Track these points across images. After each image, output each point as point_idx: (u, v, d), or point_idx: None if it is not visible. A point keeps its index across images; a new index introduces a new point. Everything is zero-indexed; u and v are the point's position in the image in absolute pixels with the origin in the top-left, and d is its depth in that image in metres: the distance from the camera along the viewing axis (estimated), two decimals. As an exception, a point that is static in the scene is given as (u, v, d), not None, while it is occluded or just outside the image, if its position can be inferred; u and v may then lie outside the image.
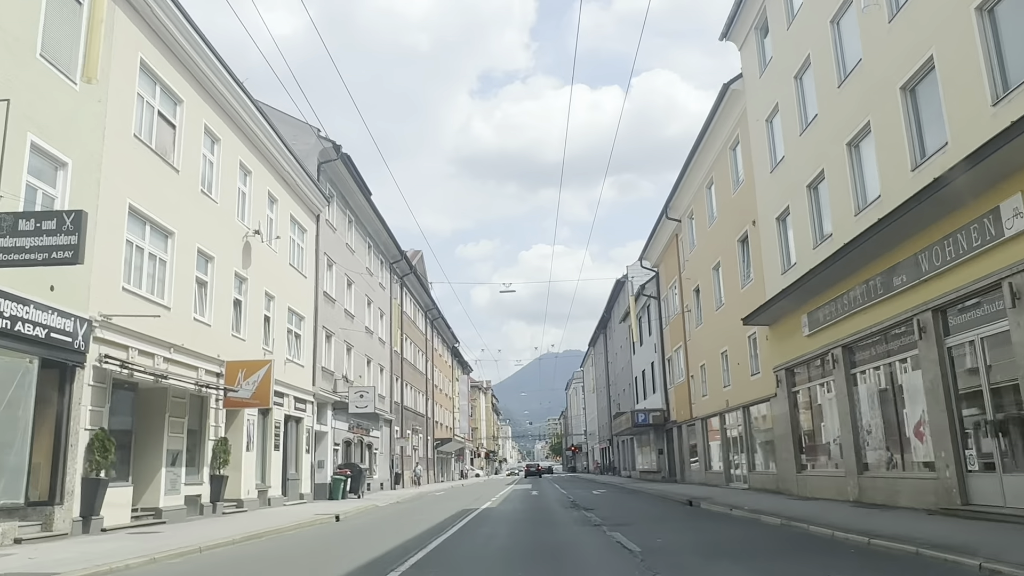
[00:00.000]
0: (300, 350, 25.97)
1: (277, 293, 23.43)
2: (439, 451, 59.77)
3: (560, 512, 18.02)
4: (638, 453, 46.22)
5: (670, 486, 29.90)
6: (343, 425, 31.11)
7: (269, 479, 22.50)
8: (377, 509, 22.98)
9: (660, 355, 38.11)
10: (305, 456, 25.94)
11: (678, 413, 34.57)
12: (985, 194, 10.33)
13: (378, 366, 38.23)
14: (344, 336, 31.74)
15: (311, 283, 27.29)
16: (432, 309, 56.98)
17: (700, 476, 29.91)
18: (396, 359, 43.58)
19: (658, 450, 38.77)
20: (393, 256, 42.66)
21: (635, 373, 46.66)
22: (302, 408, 25.62)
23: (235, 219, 20.48)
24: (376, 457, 37.47)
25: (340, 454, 30.78)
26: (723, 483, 26.26)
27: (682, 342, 33.06)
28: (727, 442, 26.26)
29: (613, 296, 54.61)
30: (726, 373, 25.65)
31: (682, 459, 33.99)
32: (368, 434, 35.35)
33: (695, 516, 15.60)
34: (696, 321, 29.83)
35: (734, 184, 23.87)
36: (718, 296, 26.39)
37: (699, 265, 28.70)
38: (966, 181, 10.11)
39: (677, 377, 34.74)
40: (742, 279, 23.21)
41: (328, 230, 29.91)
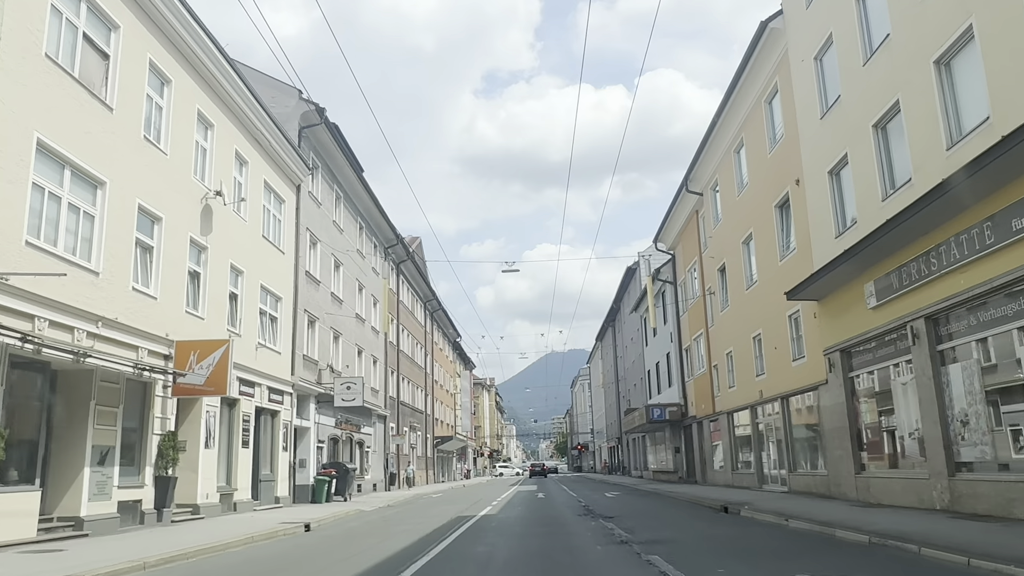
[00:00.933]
0: (276, 335, 22.99)
1: (247, 268, 20.45)
2: (439, 450, 56.79)
3: (573, 522, 14.98)
4: (651, 452, 43.16)
5: (692, 488, 26.83)
6: (329, 420, 28.12)
7: (236, 480, 19.51)
8: (361, 515, 19.99)
9: (676, 345, 35.05)
10: (282, 454, 22.95)
11: (698, 408, 31.51)
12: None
13: (370, 357, 35.24)
14: (331, 322, 28.76)
15: (290, 260, 24.30)
16: (432, 300, 53.98)
17: (725, 477, 26.85)
18: (391, 351, 40.60)
19: (674, 448, 35.71)
20: (388, 240, 39.66)
21: (648, 366, 43.60)
22: (278, 400, 22.64)
23: (191, 177, 17.50)
24: (368, 456, 34.49)
25: (325, 452, 27.79)
26: (755, 485, 23.20)
27: (703, 329, 30.00)
28: (759, 439, 23.19)
29: (623, 285, 51.54)
30: (759, 360, 22.59)
31: (703, 458, 30.92)
32: (359, 431, 32.36)
33: (743, 529, 12.55)
34: (721, 304, 26.76)
35: (770, 142, 20.80)
36: (748, 273, 23.33)
37: (725, 241, 25.64)
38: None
39: (697, 368, 31.68)
40: (780, 250, 20.15)
41: (311, 204, 26.92)
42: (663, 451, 38.68)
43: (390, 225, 38.24)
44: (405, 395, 44.30)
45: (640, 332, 46.10)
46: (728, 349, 25.91)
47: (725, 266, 25.78)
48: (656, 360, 40.40)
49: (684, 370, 34.32)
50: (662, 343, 38.47)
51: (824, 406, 17.29)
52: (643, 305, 43.00)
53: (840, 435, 16.42)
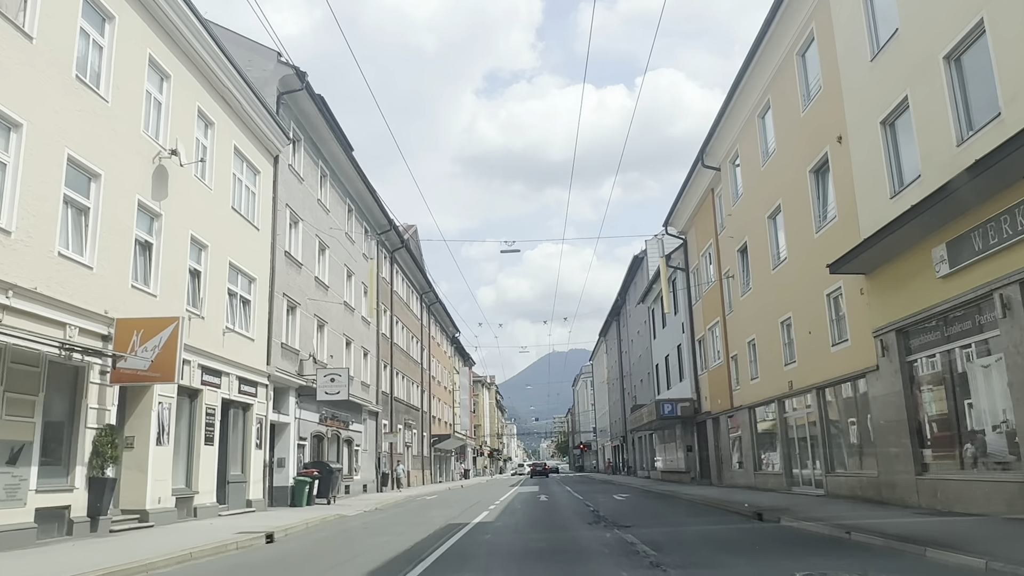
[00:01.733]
0: (249, 320, 20.62)
1: (213, 242, 18.09)
2: (437, 448, 54.42)
3: (584, 532, 12.59)
4: (660, 450, 40.77)
5: (709, 490, 24.44)
6: (312, 416, 25.75)
7: (197, 482, 17.14)
8: (340, 521, 17.65)
9: (689, 336, 32.67)
10: (255, 453, 20.58)
11: (713, 403, 29.13)
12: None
13: (360, 349, 32.86)
14: (315, 309, 26.40)
15: (266, 238, 21.93)
16: (428, 292, 51.60)
17: (745, 478, 24.46)
18: (384, 343, 38.24)
19: (686, 447, 33.33)
20: (380, 225, 37.29)
21: (656, 360, 41.20)
22: (250, 392, 20.27)
23: (140, 131, 15.12)
24: (358, 455, 32.13)
25: (308, 451, 25.43)
26: (782, 487, 20.80)
27: (719, 317, 27.61)
28: (788, 435, 20.79)
29: (629, 276, 49.14)
30: (788, 348, 20.20)
31: (719, 457, 28.54)
32: (347, 427, 30.00)
33: (798, 545, 10.17)
34: (741, 288, 24.36)
35: (803, 100, 18.40)
36: (775, 251, 20.94)
37: (747, 217, 23.25)
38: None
39: (712, 360, 29.29)
40: (816, 221, 17.75)
41: (292, 178, 24.56)
42: (673, 450, 36.29)
43: (383, 209, 35.87)
44: (399, 391, 41.94)
45: (647, 324, 43.72)
46: (750, 337, 23.52)
47: (747, 245, 23.38)
48: (665, 353, 38.01)
49: (697, 363, 31.95)
50: (672, 335, 36.09)
51: (874, 396, 14.89)
52: (651, 295, 40.63)
53: (895, 430, 14.03)
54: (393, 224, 37.89)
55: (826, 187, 17.42)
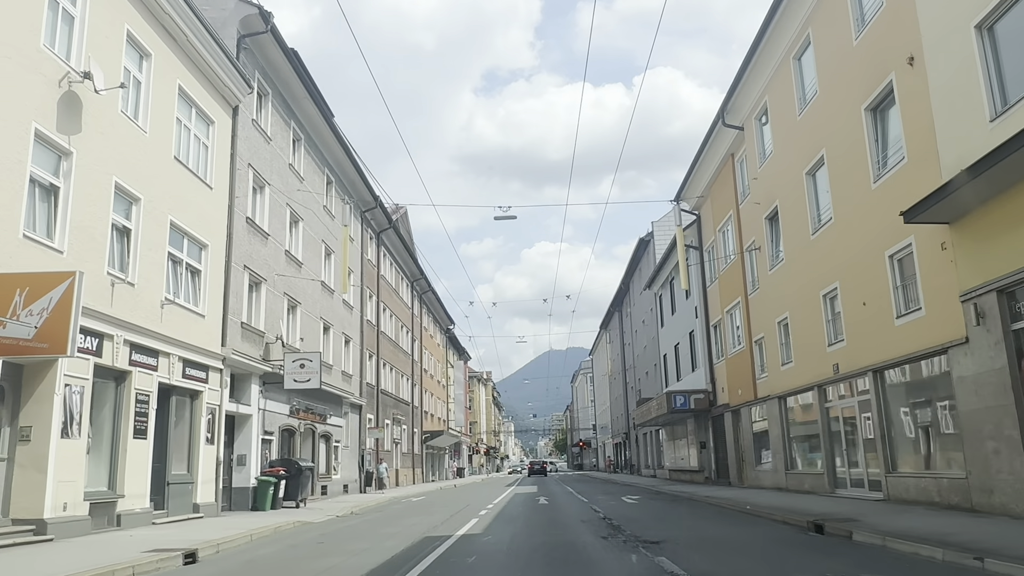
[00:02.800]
0: (199, 292, 17.58)
1: (148, 195, 15.06)
2: (428, 446, 51.38)
3: (601, 554, 9.55)
4: (668, 447, 37.75)
5: (732, 492, 21.44)
6: (281, 407, 22.71)
7: (123, 484, 14.09)
8: (296, 532, 14.62)
9: (703, 321, 29.66)
10: (205, 448, 17.53)
11: (731, 394, 26.12)
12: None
13: (341, 335, 29.81)
14: (285, 287, 23.35)
15: (221, 199, 18.88)
16: (420, 280, 48.55)
17: (774, 478, 21.45)
18: (369, 331, 35.19)
19: (699, 443, 30.33)
20: (365, 202, 34.22)
21: (664, 350, 38.18)
22: (199, 376, 17.23)
23: (39, 44, 12.06)
24: (337, 452, 29.08)
25: (276, 447, 22.38)
26: (824, 489, 17.79)
27: (740, 297, 24.60)
28: (831, 428, 17.74)
29: (634, 261, 46.09)
30: (832, 325, 17.18)
31: (739, 455, 25.53)
32: (324, 421, 26.95)
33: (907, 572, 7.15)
34: (770, 261, 21.34)
35: (856, 26, 15.37)
36: (815, 213, 17.92)
37: (778, 178, 20.24)
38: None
39: (731, 347, 26.29)
40: (875, 168, 14.71)
41: (257, 136, 21.51)
42: (684, 447, 33.28)
43: (366, 184, 32.81)
44: (387, 383, 38.91)
45: (654, 312, 40.71)
46: (781, 316, 20.49)
47: (777, 210, 20.35)
48: (675, 342, 34.98)
49: (712, 351, 28.94)
50: (683, 321, 33.07)
51: (961, 377, 11.86)
52: (659, 280, 37.66)
53: (994, 418, 11.01)
54: (379, 201, 34.82)
55: (887, 126, 14.39)
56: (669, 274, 35.47)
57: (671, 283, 35.66)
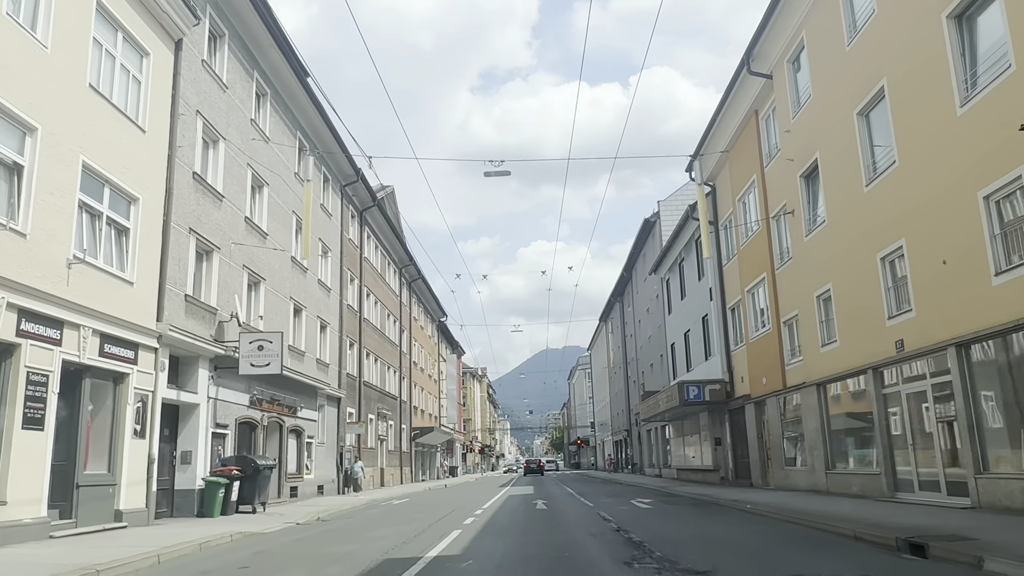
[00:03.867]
0: (125, 254, 14.54)
1: (46, 126, 12.02)
2: (418, 443, 48.34)
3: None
4: (676, 445, 34.73)
5: (763, 495, 18.46)
6: (238, 396, 19.67)
7: (5, 487, 11.03)
8: (233, 548, 11.62)
9: (718, 304, 26.68)
10: (132, 443, 14.48)
11: (753, 384, 23.14)
12: None
13: (315, 320, 26.76)
14: (245, 259, 20.31)
15: (157, 147, 15.82)
16: (409, 266, 45.49)
17: (810, 478, 18.47)
18: (351, 317, 32.15)
19: (714, 440, 27.34)
20: (345, 175, 31.16)
21: (671, 339, 35.18)
22: (125, 356, 14.19)
23: None
24: (311, 449, 26.04)
25: (232, 442, 19.33)
26: (882, 492, 14.79)
27: (765, 273, 21.63)
28: (890, 418, 14.71)
29: (637, 246, 43.05)
30: (894, 292, 14.20)
31: (764, 452, 22.55)
32: (294, 414, 23.91)
33: None
34: (806, 225, 18.35)
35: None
36: (869, 159, 14.93)
37: (819, 124, 17.25)
38: None
39: (753, 330, 23.32)
40: (962, 89, 11.71)
41: (208, 80, 18.46)
42: (696, 443, 30.28)
43: (346, 154, 29.76)
44: (371, 375, 35.86)
45: (660, 299, 37.72)
46: (821, 289, 17.49)
47: (817, 164, 17.34)
48: (685, 329, 31.98)
49: (729, 336, 25.97)
50: (695, 305, 30.09)
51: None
52: (666, 263, 34.68)
53: None
54: (361, 175, 31.76)
55: (975, 35, 11.40)
56: (678, 255, 32.48)
57: (680, 266, 32.68)
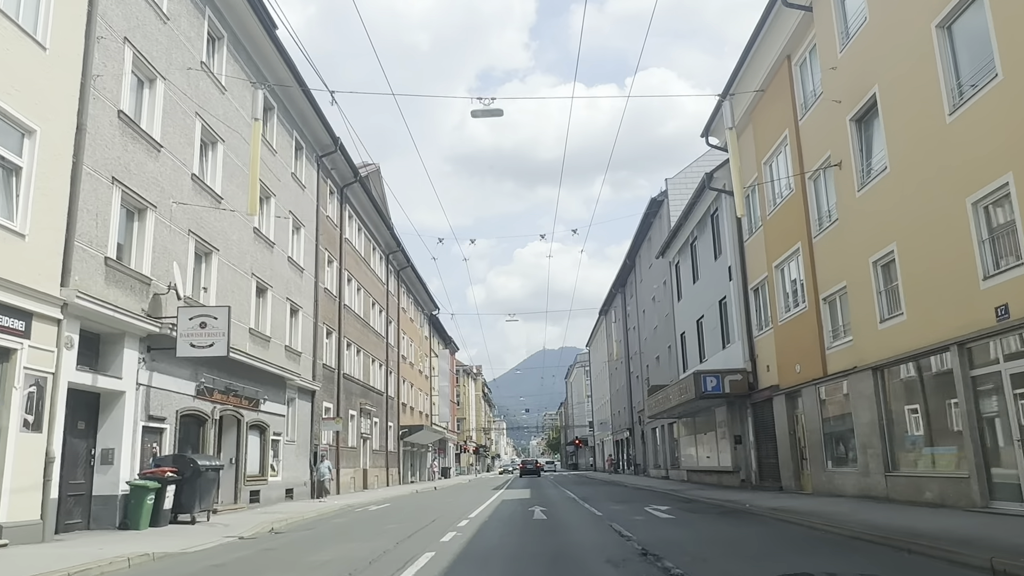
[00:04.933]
0: (12, 197, 11.49)
1: None
2: (407, 442, 45.24)
3: None
4: (686, 444, 31.67)
5: (803, 502, 15.45)
6: (181, 384, 16.58)
7: None
8: (130, 574, 8.54)
9: (739, 284, 23.67)
10: (22, 437, 11.41)
11: (783, 373, 20.14)
12: None
13: (284, 302, 23.69)
14: (191, 223, 17.24)
15: (65, 71, 12.76)
16: (397, 252, 42.39)
17: (863, 482, 15.44)
18: (328, 303, 29.08)
19: (734, 437, 24.31)
20: (321, 145, 28.10)
21: (681, 328, 32.15)
22: (9, 327, 11.13)
23: None
24: (278, 448, 22.96)
25: (172, 438, 16.23)
26: (968, 500, 11.77)
27: (799, 243, 18.64)
28: (980, 406, 11.65)
29: (642, 229, 39.97)
30: (991, 244, 11.17)
31: (796, 451, 19.53)
32: (256, 407, 20.84)
33: None
34: (858, 178, 15.32)
35: None
36: (953, 82, 11.90)
37: (879, 51, 14.23)
38: None
39: (782, 311, 20.32)
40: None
41: (141, 4, 15.36)
42: (711, 442, 27.23)
43: (323, 122, 26.69)
44: (353, 367, 32.79)
45: (668, 286, 34.70)
46: (880, 252, 14.45)
47: (876, 101, 14.31)
48: (698, 315, 28.95)
49: (752, 320, 22.96)
50: (710, 288, 27.06)
51: None
52: (676, 244, 31.64)
53: None
54: (340, 144, 28.67)
55: None
56: (690, 235, 29.46)
57: (692, 246, 29.66)
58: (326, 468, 20.94)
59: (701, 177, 29.04)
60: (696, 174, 33.62)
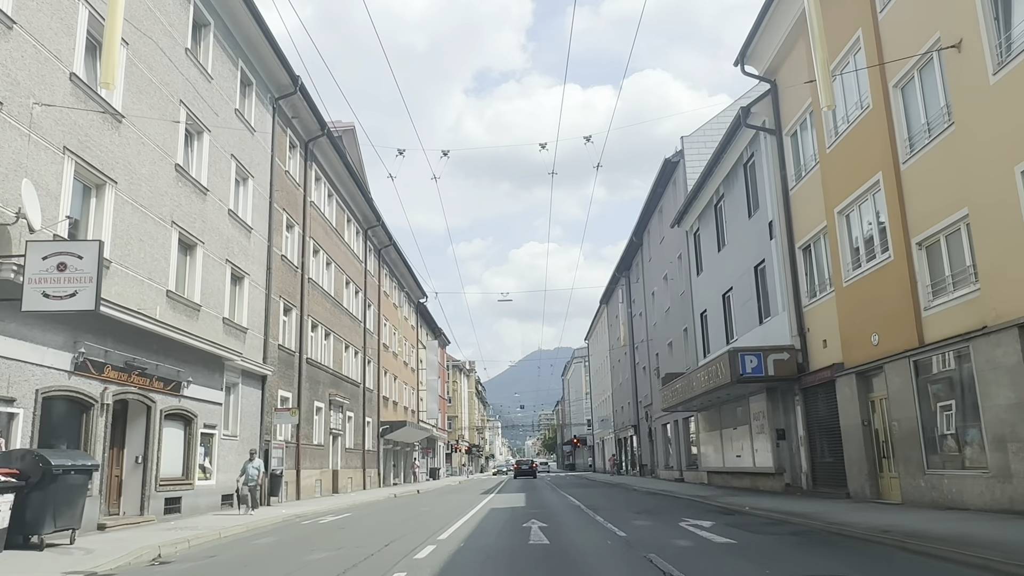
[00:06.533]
0: None
1: None
2: (388, 440, 40.67)
3: None
4: (709, 440, 27.12)
5: (904, 516, 11.00)
6: (47, 354, 12.05)
7: None
8: None
9: (782, 243, 19.22)
10: None
11: (849, 346, 15.71)
12: None
13: (224, 264, 19.19)
14: (67, 137, 12.72)
15: None
16: (376, 227, 37.83)
17: (992, 489, 11.01)
18: (287, 274, 24.57)
19: (776, 431, 19.84)
20: (277, 83, 23.61)
21: (701, 305, 27.67)
22: None
23: None
24: (212, 444, 18.42)
25: (32, 428, 11.68)
26: None
27: (879, 175, 14.22)
28: None
29: (653, 199, 35.42)
30: None
31: (870, 448, 15.04)
32: (177, 392, 16.30)
33: None
34: (991, 61, 10.86)
35: None
36: None
37: None
38: None
39: (848, 270, 15.89)
40: None
41: None
42: (743, 437, 22.71)
43: (279, 57, 22.15)
44: (320, 352, 28.27)
45: (684, 260, 30.23)
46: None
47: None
48: (725, 288, 24.47)
49: (800, 286, 18.52)
50: (742, 253, 22.60)
51: None
52: (693, 211, 27.18)
53: None
54: (300, 85, 24.12)
55: None
56: (715, 193, 25.02)
57: (717, 208, 25.21)
58: (255, 469, 16.20)
59: (723, 130, 24.68)
60: (717, 131, 29.19)
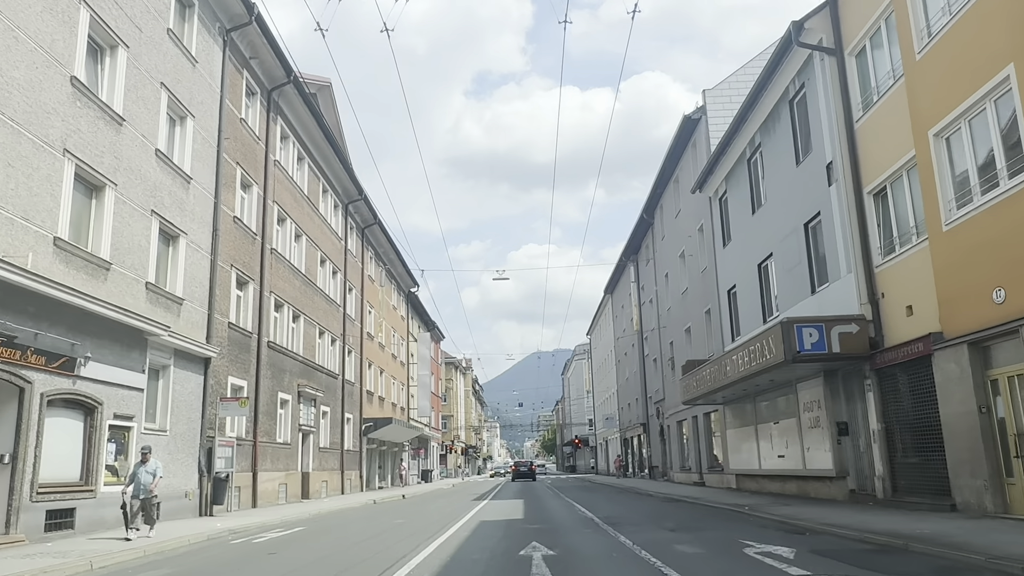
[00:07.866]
0: None
1: None
2: (372, 439, 36.75)
3: None
4: (738, 438, 23.21)
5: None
6: None
7: None
8: None
9: (845, 190, 15.38)
10: None
11: (947, 312, 11.91)
12: None
13: (148, 218, 15.33)
14: None
15: None
16: (358, 201, 33.96)
17: None
18: (243, 240, 20.72)
19: (835, 425, 15.97)
20: (227, 9, 19.76)
21: (728, 282, 23.81)
22: None
23: None
24: (129, 440, 14.56)
25: None
26: None
27: (1008, 71, 10.33)
28: None
29: (668, 166, 31.48)
30: None
31: (989, 445, 11.20)
32: (69, 371, 12.42)
33: None
34: None
35: None
36: None
37: None
38: None
39: (950, 211, 12.04)
40: None
41: None
42: (788, 433, 18.81)
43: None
44: (285, 336, 24.40)
45: (704, 232, 26.41)
46: None
47: None
48: (761, 256, 20.62)
49: (870, 242, 14.68)
50: (787, 209, 18.75)
51: None
52: (725, 164, 23.41)
53: None
54: (256, 16, 20.29)
55: None
56: (750, 144, 21.17)
57: (751, 164, 21.39)
58: (148, 472, 12.03)
59: (750, 82, 20.84)
60: (744, 83, 25.38)
